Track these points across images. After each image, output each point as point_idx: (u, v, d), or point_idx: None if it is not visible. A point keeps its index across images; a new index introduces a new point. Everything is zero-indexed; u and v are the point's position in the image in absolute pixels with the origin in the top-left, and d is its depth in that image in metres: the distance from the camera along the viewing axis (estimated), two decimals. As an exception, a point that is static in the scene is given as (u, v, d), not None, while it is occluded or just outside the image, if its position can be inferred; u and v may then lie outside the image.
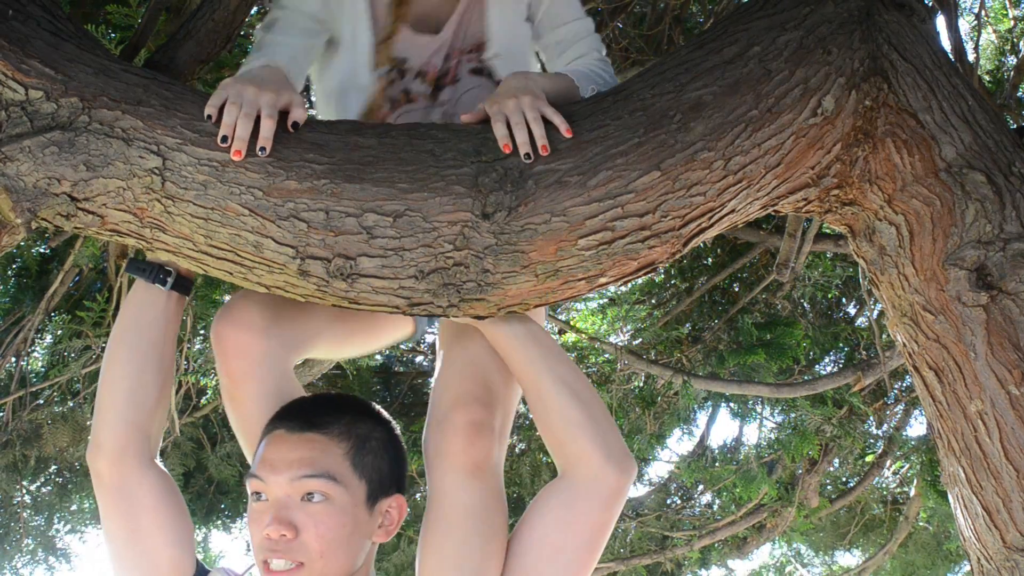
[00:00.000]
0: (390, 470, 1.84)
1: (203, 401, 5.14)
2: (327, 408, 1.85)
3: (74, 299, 4.64)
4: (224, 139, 1.70)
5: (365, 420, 1.85)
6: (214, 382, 4.98)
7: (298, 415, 1.82)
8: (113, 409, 1.88)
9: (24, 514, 5.38)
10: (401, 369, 6.70)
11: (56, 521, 5.60)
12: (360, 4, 2.14)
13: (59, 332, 4.58)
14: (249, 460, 1.91)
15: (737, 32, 1.99)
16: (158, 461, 1.93)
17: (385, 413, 1.92)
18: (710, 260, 5.98)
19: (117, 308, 4.05)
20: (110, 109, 1.70)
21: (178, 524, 1.87)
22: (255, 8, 2.36)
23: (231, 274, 1.80)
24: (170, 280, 1.95)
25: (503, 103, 1.87)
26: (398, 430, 1.92)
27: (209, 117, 1.74)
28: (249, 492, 1.77)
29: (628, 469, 1.86)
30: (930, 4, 4.26)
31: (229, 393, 1.95)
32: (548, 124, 1.84)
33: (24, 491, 5.34)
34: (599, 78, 2.13)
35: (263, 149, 1.71)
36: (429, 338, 6.36)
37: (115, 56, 1.85)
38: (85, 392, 4.76)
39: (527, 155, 1.79)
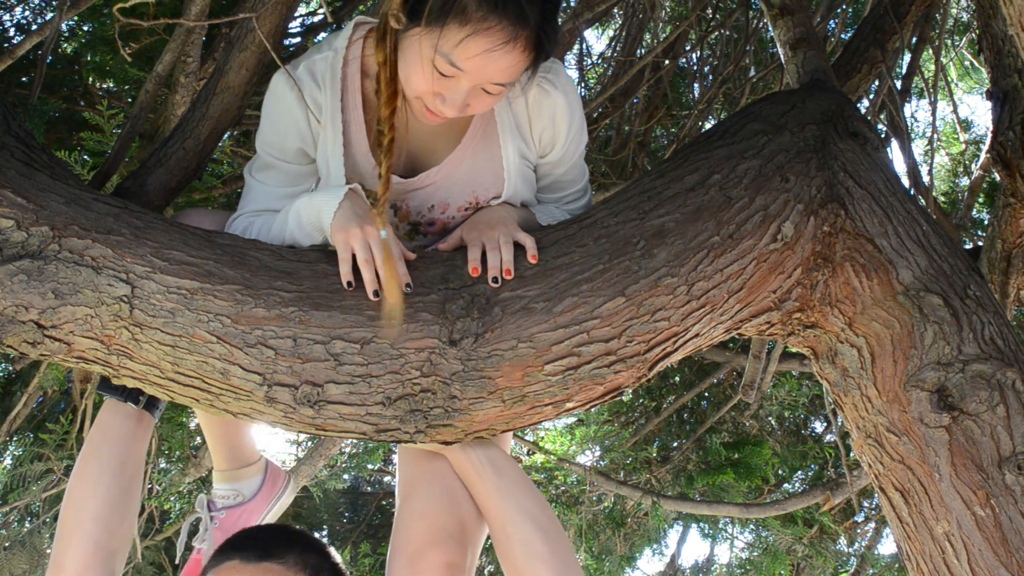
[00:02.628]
0: None
1: (166, 525, 5.04)
2: (280, 538, 1.84)
3: (37, 421, 4.58)
4: (376, 293, 1.77)
5: (315, 553, 1.85)
6: (177, 506, 4.90)
7: (252, 545, 1.80)
8: (78, 527, 1.85)
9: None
10: (368, 490, 6.62)
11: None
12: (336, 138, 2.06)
13: (20, 453, 4.50)
14: None
15: (698, 161, 2.04)
16: None
17: (331, 548, 1.91)
18: (678, 379, 6.00)
19: (81, 431, 4.00)
20: (80, 238, 1.71)
21: None
22: (226, 134, 2.38)
23: (197, 401, 1.79)
24: (143, 399, 1.96)
25: (482, 231, 1.92)
26: (343, 565, 1.90)
27: (350, 284, 1.79)
28: None
29: None
30: (883, 132, 4.40)
31: None
32: (516, 250, 1.88)
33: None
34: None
35: (408, 285, 1.80)
36: (397, 459, 6.28)
37: (87, 185, 1.87)
38: (44, 516, 4.65)
39: (495, 279, 1.82)
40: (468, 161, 2.07)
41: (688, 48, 5.64)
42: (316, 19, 4.79)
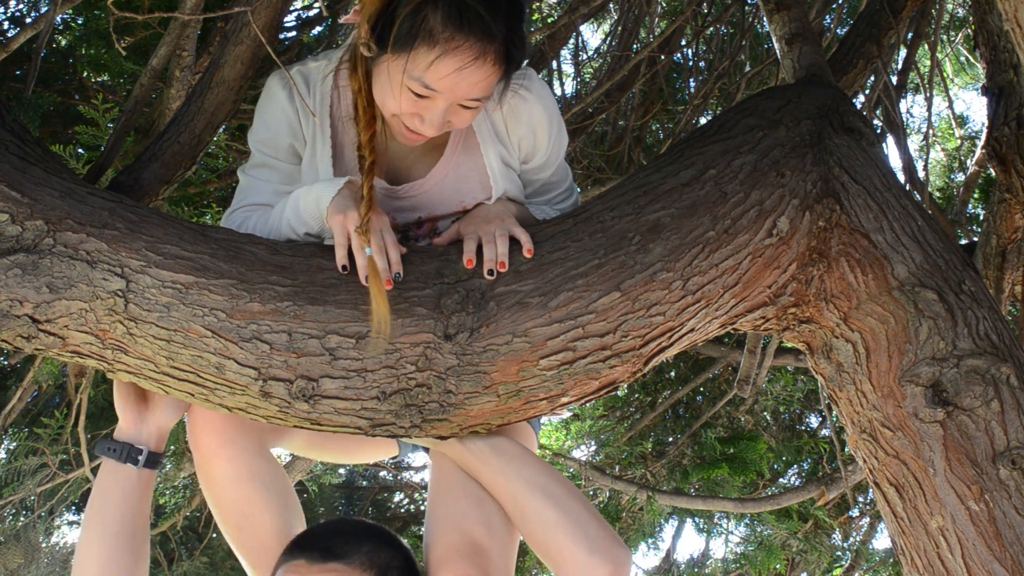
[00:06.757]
0: None
1: (161, 519, 5.03)
2: (347, 536, 1.80)
3: (32, 415, 4.58)
4: (368, 278, 1.78)
5: (385, 548, 1.81)
6: (172, 500, 4.89)
7: (318, 544, 1.77)
8: None
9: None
10: (364, 484, 6.62)
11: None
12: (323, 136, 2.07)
13: (15, 447, 4.50)
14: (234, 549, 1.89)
15: (693, 156, 2.04)
16: None
17: (402, 540, 1.87)
18: (673, 374, 6.00)
19: (75, 425, 3.99)
20: (75, 232, 1.71)
21: None
22: (221, 128, 2.38)
23: (192, 395, 1.79)
24: (141, 459, 1.91)
25: (479, 224, 1.93)
26: (414, 557, 1.87)
27: (344, 268, 1.80)
28: None
29: (618, 559, 1.79)
30: (879, 127, 4.40)
31: (202, 471, 1.93)
32: (512, 244, 1.88)
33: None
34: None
35: (398, 275, 1.80)
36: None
37: (81, 179, 1.87)
38: (40, 510, 4.65)
39: (490, 271, 1.82)
40: (452, 172, 2.08)
41: (684, 43, 5.64)
42: (312, 13, 4.78)
